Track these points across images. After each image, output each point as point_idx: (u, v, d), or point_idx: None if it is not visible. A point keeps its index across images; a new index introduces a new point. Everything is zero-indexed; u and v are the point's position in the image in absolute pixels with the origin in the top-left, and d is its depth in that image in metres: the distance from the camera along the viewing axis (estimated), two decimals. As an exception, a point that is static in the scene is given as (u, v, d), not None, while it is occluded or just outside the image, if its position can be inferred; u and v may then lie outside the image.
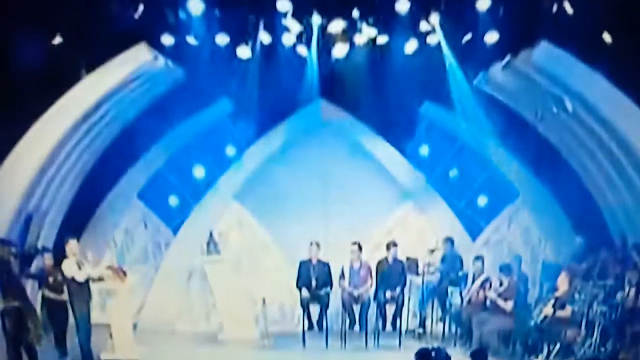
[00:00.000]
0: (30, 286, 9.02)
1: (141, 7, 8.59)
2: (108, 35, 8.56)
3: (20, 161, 8.81)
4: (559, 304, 8.07)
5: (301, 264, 9.68)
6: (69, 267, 8.05)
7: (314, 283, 9.49)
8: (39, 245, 9.14)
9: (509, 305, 8.41)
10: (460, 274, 9.67)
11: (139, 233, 10.85)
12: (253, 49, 9.24)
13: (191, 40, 9.08)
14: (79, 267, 8.08)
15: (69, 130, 9.09)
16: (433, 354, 4.74)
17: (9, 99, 8.31)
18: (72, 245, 8.16)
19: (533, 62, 8.80)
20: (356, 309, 9.51)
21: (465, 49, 9.11)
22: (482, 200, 10.88)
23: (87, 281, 8.16)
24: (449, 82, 9.65)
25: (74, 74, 8.86)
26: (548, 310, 8.15)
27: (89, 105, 9.08)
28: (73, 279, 8.05)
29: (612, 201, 9.65)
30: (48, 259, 8.46)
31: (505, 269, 8.82)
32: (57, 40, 8.64)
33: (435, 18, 8.95)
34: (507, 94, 9.92)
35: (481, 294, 8.82)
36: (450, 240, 9.98)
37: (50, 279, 8.32)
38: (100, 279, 8.43)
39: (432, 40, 9.17)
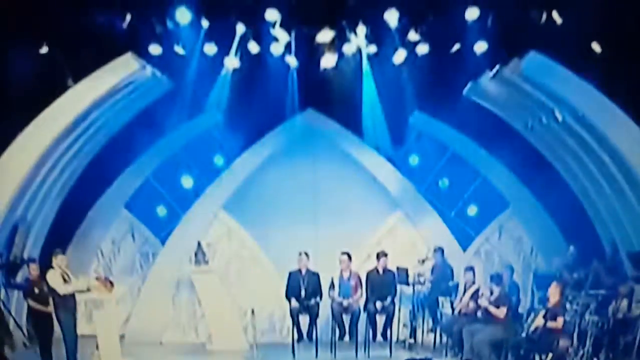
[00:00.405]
0: (15, 297, 9.00)
1: (128, 17, 8.60)
2: (95, 44, 8.57)
3: (6, 171, 8.80)
4: (550, 315, 8.02)
5: (290, 274, 9.65)
6: (53, 279, 7.96)
7: (303, 293, 9.47)
8: (25, 256, 9.09)
9: (502, 312, 8.36)
10: (451, 284, 9.68)
11: (126, 243, 10.84)
12: (241, 59, 9.27)
13: (179, 50, 9.10)
14: (64, 280, 8.00)
15: (56, 140, 9.08)
16: None
17: (-5, 108, 8.29)
18: (60, 257, 8.08)
19: (522, 72, 8.85)
20: (346, 319, 9.48)
21: (454, 58, 9.14)
22: (472, 210, 10.93)
23: (72, 293, 8.07)
24: (439, 92, 9.69)
25: (61, 83, 8.86)
26: (539, 321, 8.10)
27: (76, 115, 9.08)
28: (56, 291, 7.96)
29: (603, 211, 9.69)
30: (34, 269, 8.39)
31: (496, 278, 8.80)
32: (44, 49, 8.64)
33: (424, 28, 8.98)
34: (496, 104, 9.97)
35: (472, 304, 8.80)
36: (440, 250, 10.00)
37: (36, 290, 8.24)
38: (87, 290, 8.30)
39: (421, 50, 9.20)
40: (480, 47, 8.96)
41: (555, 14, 8.46)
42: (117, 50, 8.80)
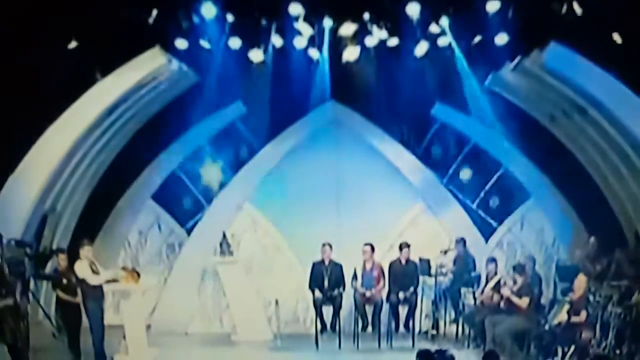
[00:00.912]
0: (44, 288, 9.17)
1: (155, 12, 8.73)
2: (122, 39, 8.67)
3: (36, 163, 8.95)
4: (574, 310, 8.00)
5: (314, 265, 9.72)
6: (81, 270, 8.10)
7: (326, 284, 9.52)
8: (54, 247, 9.22)
9: (524, 302, 8.35)
10: (473, 274, 9.68)
11: (152, 234, 10.91)
12: (265, 52, 9.34)
13: (204, 44, 9.19)
14: (92, 270, 8.14)
15: (84, 133, 9.23)
16: (435, 355, 4.68)
17: (25, 102, 8.43)
18: (86, 248, 8.22)
19: (543, 63, 8.85)
20: (369, 310, 9.54)
21: (476, 50, 9.17)
22: (494, 201, 10.89)
23: (100, 283, 8.22)
24: (460, 84, 9.69)
25: (89, 77, 9.00)
26: (563, 316, 8.10)
27: (104, 108, 9.22)
28: (85, 281, 8.11)
29: (626, 201, 9.64)
30: (62, 260, 8.44)
31: (518, 268, 8.81)
32: (72, 44, 8.78)
33: (445, 20, 9.01)
34: (518, 95, 9.98)
35: (495, 295, 8.78)
36: (462, 241, 10.00)
37: (64, 281, 8.31)
38: (114, 280, 8.47)
39: (442, 42, 9.23)
40: (501, 38, 8.97)
41: (575, 5, 8.47)
42: (144, 44, 8.92)
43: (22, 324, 7.23)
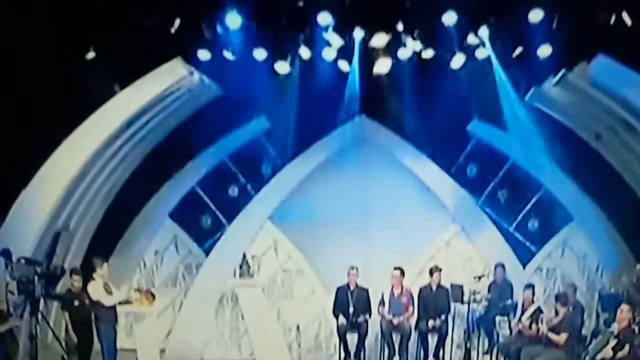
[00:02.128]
0: (54, 308, 9.17)
1: (177, 21, 8.76)
2: (142, 49, 8.73)
3: (50, 178, 9.02)
4: (620, 345, 7.80)
5: (338, 289, 9.69)
6: (95, 291, 8.15)
7: (351, 310, 9.50)
8: (66, 266, 9.20)
9: (562, 338, 8.30)
10: (509, 302, 9.58)
11: (169, 254, 10.92)
12: (292, 64, 9.35)
13: (228, 55, 9.21)
14: (107, 291, 8.17)
15: (101, 147, 9.29)
16: None
17: (41, 114, 8.48)
18: (100, 267, 8.28)
19: (589, 77, 8.80)
20: (396, 338, 9.47)
21: (516, 63, 9.11)
22: (533, 224, 10.79)
23: (114, 305, 8.26)
24: (499, 99, 9.64)
25: (107, 89, 9.06)
26: (607, 352, 7.90)
27: (122, 121, 9.28)
28: (99, 303, 8.14)
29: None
30: (76, 281, 8.51)
31: (561, 298, 8.72)
32: (90, 54, 8.85)
33: (484, 31, 8.95)
34: (561, 111, 9.88)
35: (533, 326, 8.68)
36: (501, 266, 9.92)
37: (76, 302, 8.37)
38: (128, 302, 8.52)
39: (480, 54, 9.18)
40: (544, 50, 8.88)
41: (624, 15, 8.36)
42: (165, 55, 8.98)
43: (30, 346, 7.20)
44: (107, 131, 9.21)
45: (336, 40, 9.07)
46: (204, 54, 9.13)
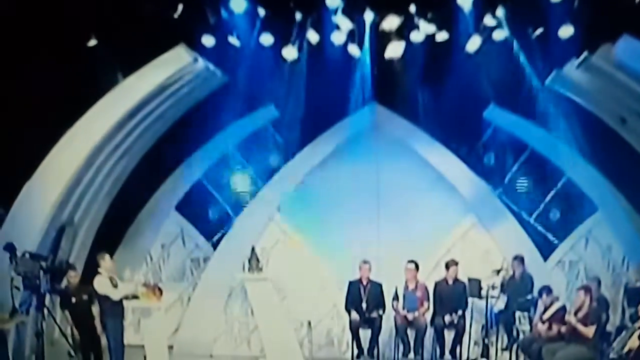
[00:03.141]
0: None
1: (180, 6, 8.74)
2: (145, 36, 8.72)
3: (53, 170, 9.04)
4: (647, 333, 7.78)
5: (351, 284, 9.67)
6: (101, 285, 8.19)
7: (364, 305, 9.49)
8: (72, 260, 9.33)
9: (590, 331, 8.17)
10: (529, 297, 9.48)
11: (176, 248, 10.97)
12: (300, 49, 9.32)
13: (233, 40, 9.21)
14: (113, 285, 8.21)
15: (103, 139, 9.30)
16: None
17: (42, 105, 8.52)
18: (105, 261, 8.31)
19: (614, 59, 8.60)
20: (411, 334, 9.47)
21: (536, 45, 9.02)
22: (555, 215, 10.68)
23: (121, 299, 8.30)
24: (518, 83, 9.54)
25: (110, 78, 9.07)
26: (634, 342, 7.82)
27: (125, 111, 9.27)
28: (107, 298, 8.18)
29: None
30: (73, 277, 8.47)
31: (586, 288, 8.59)
32: (92, 42, 8.85)
33: (501, 11, 8.84)
34: (584, 95, 9.72)
35: (554, 326, 8.55)
36: (520, 259, 9.81)
37: (73, 299, 8.38)
38: (135, 297, 8.55)
39: (498, 36, 9.08)
40: (566, 31, 8.76)
41: (651, -7, 8.21)
42: (168, 42, 8.93)
43: (37, 342, 7.25)
44: (110, 122, 9.21)
45: (346, 24, 9.02)
46: (208, 40, 9.12)
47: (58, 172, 9.08)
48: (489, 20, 8.93)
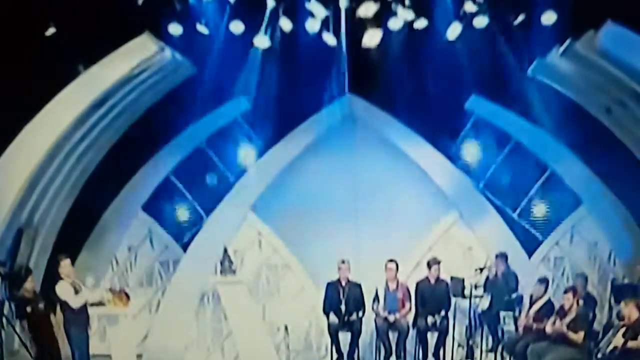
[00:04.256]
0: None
1: (144, -8, 8.70)
2: (108, 24, 8.61)
3: (10, 169, 8.92)
4: (632, 333, 7.73)
5: (329, 285, 9.67)
6: (63, 291, 8.00)
7: (343, 307, 9.50)
8: (31, 265, 9.16)
9: (580, 337, 8.22)
10: (514, 296, 9.53)
11: (143, 250, 10.90)
12: (272, 38, 9.26)
13: (202, 28, 9.15)
14: (76, 291, 8.04)
15: (64, 134, 9.16)
16: None
17: (-3, 99, 8.41)
18: (65, 265, 8.12)
19: (598, 46, 8.65)
20: (392, 337, 9.47)
21: (518, 32, 9.03)
22: (539, 210, 10.75)
23: (84, 306, 8.12)
24: (500, 72, 9.55)
25: (70, 69, 8.93)
26: (618, 340, 7.86)
27: (86, 105, 9.14)
28: (67, 304, 7.98)
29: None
30: (29, 283, 8.18)
31: (572, 291, 8.60)
32: (50, 31, 8.73)
33: (482, -3, 8.90)
34: (568, 84, 9.76)
35: (545, 321, 8.58)
36: (504, 257, 9.83)
37: (28, 309, 8.06)
38: (100, 304, 8.45)
39: (479, 23, 9.07)
40: (549, 17, 8.79)
41: (636, -21, 8.28)
42: (132, 30, 8.85)
43: None
44: (70, 116, 9.07)
45: (320, 11, 8.97)
46: (175, 28, 9.05)
47: (15, 170, 8.95)
48: (469, 7, 8.94)
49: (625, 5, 8.28)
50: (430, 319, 9.39)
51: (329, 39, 9.34)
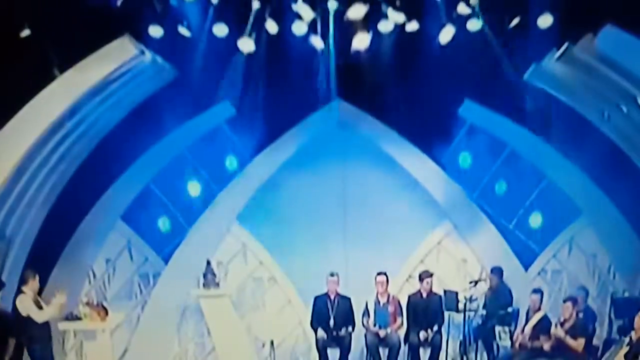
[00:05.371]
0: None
1: (123, -7, 8.66)
2: (85, 26, 8.53)
3: (-19, 178, 8.82)
4: (633, 354, 7.73)
5: (317, 299, 9.70)
6: (24, 305, 7.98)
7: (332, 322, 9.54)
8: (3, 279, 8.99)
9: (580, 344, 8.29)
10: (509, 310, 9.57)
11: (122, 263, 10.84)
12: (257, 41, 9.22)
13: (183, 31, 9.11)
14: (37, 306, 8.01)
15: (39, 141, 9.05)
16: None
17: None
18: (31, 283, 8.15)
19: (596, 50, 8.62)
20: (383, 353, 9.49)
21: (514, 35, 9.04)
22: (536, 220, 10.78)
23: (47, 322, 8.11)
24: (495, 77, 9.55)
25: (45, 73, 8.84)
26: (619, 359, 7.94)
27: (63, 110, 9.04)
28: (32, 321, 7.95)
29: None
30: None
31: (571, 301, 8.73)
32: (25, 32, 8.60)
33: (476, -1, 8.90)
34: (565, 90, 9.76)
35: (541, 338, 8.66)
36: (498, 270, 9.88)
37: None
38: (77, 318, 8.50)
39: (472, 26, 9.06)
40: (545, 20, 8.76)
41: (635, -19, 8.30)
42: (110, 32, 8.77)
43: None
44: (45, 122, 8.96)
45: (307, 13, 8.91)
46: (155, 30, 8.97)
47: (-13, 180, 8.87)
48: (462, 9, 8.90)
49: (624, 8, 8.26)
50: (422, 334, 9.43)
51: (317, 42, 9.30)
